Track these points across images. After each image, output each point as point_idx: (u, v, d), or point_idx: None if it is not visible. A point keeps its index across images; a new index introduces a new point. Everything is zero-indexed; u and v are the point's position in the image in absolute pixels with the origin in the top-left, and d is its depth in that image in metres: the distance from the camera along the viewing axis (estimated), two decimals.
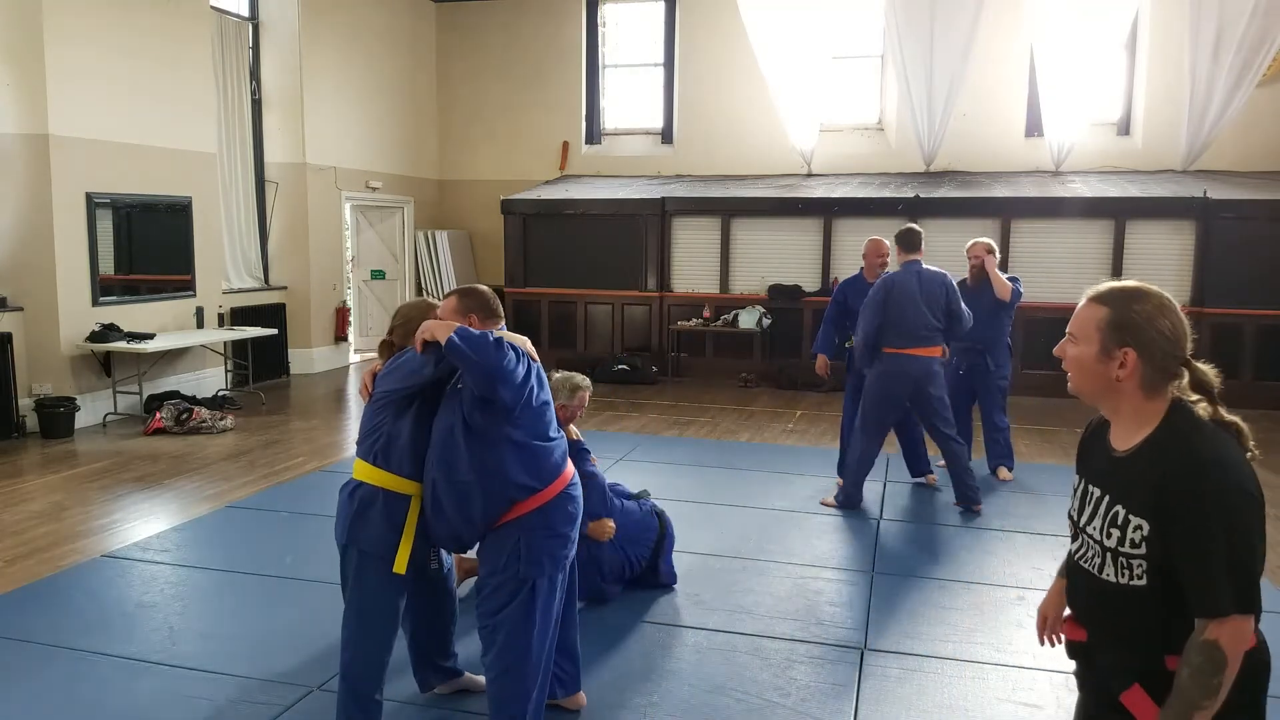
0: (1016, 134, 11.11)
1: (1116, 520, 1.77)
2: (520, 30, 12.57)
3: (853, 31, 11.40)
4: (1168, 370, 1.77)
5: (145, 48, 8.21)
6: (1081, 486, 1.93)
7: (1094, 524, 1.84)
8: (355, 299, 12.14)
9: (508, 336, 2.76)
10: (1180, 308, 1.81)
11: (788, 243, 10.51)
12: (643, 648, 3.80)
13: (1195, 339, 1.82)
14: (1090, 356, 1.81)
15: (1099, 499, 1.83)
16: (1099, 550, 1.82)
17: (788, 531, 5.26)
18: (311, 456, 6.94)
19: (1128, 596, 1.77)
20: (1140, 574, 1.73)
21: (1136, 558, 1.73)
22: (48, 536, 5.11)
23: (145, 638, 3.85)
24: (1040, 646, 2.17)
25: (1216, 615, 1.63)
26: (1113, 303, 1.79)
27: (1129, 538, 1.74)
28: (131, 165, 8.13)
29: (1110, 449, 1.85)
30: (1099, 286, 1.84)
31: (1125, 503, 1.76)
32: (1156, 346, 1.75)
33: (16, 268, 7.46)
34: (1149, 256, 9.50)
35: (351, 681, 2.93)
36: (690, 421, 8.38)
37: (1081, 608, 1.93)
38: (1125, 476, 1.78)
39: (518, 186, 12.11)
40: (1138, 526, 1.72)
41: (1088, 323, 1.82)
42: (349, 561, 2.92)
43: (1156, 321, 1.75)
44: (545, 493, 2.80)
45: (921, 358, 5.57)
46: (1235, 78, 9.80)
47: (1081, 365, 1.83)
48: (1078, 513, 1.92)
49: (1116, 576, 1.77)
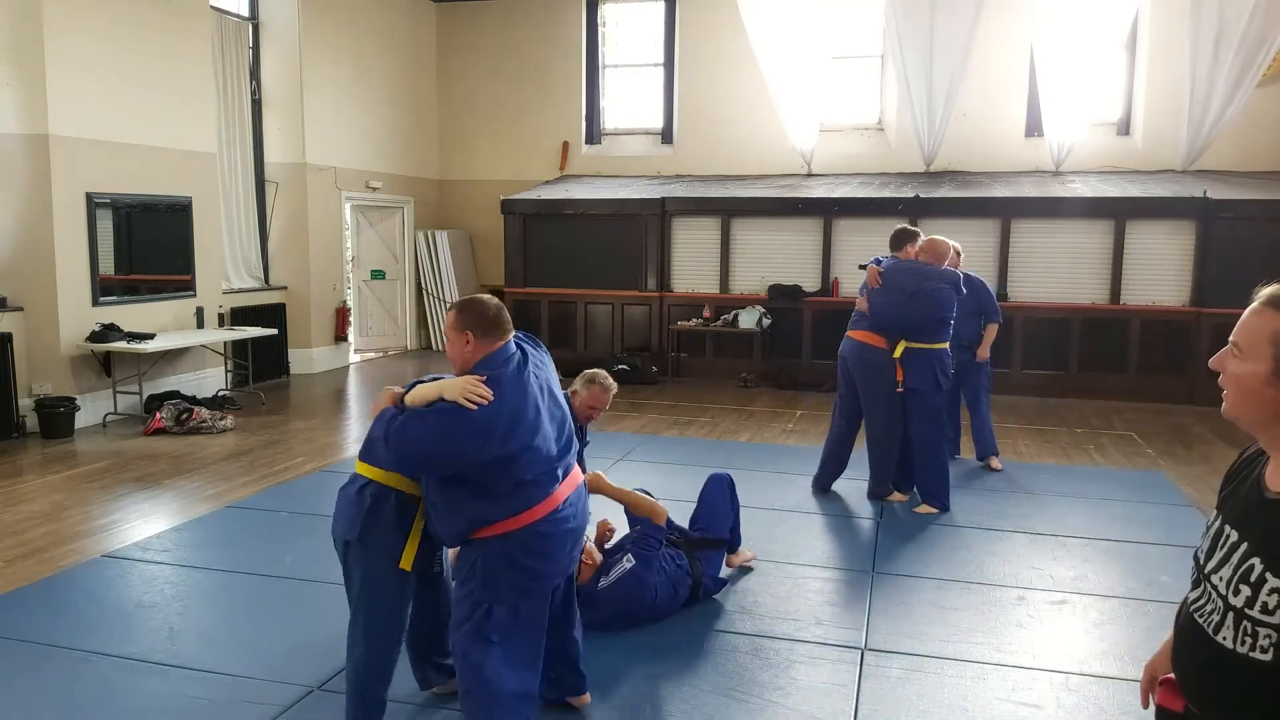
0: (1016, 134, 11.11)
1: (1250, 575, 1.43)
2: (520, 30, 12.57)
3: (853, 31, 11.40)
4: None
5: (145, 47, 8.22)
6: (1216, 525, 1.57)
7: (1221, 573, 1.50)
8: (355, 299, 12.15)
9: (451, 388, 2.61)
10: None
11: (788, 243, 10.51)
12: (642, 648, 3.79)
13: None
14: (1260, 377, 1.44)
15: (1234, 544, 1.49)
16: (1221, 606, 1.48)
17: (788, 531, 5.26)
18: (311, 456, 6.94)
19: (1248, 670, 1.43)
20: (1268, 646, 1.39)
21: (1267, 626, 1.39)
22: (47, 536, 5.11)
23: (145, 638, 3.85)
24: (1144, 709, 1.83)
25: None
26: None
27: (1261, 600, 1.39)
28: (131, 165, 8.13)
29: (1262, 487, 1.49)
30: (1275, 288, 1.49)
31: (1265, 556, 1.42)
32: None
33: (16, 268, 7.46)
34: (1149, 256, 9.50)
35: (362, 682, 2.93)
36: (690, 421, 8.37)
37: (1188, 672, 1.59)
38: (1272, 525, 1.44)
39: (518, 186, 12.11)
40: (1275, 590, 1.38)
41: (1258, 334, 1.46)
42: (354, 559, 2.92)
43: None
44: (505, 524, 2.69)
45: (853, 340, 5.76)
46: (1235, 78, 9.80)
47: (1246, 386, 1.47)
48: (1205, 555, 1.57)
49: (1235, 643, 1.44)
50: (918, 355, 5.56)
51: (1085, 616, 4.14)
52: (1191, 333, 9.35)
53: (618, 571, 3.92)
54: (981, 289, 6.56)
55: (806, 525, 5.43)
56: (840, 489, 6.02)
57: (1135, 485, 6.32)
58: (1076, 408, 9.06)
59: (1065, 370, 9.64)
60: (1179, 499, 6.00)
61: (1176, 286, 9.45)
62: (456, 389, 2.59)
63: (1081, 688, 3.50)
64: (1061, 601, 4.30)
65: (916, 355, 5.57)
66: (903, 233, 5.82)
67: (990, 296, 6.62)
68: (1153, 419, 8.60)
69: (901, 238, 5.78)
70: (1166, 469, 6.80)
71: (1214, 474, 6.69)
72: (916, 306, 5.53)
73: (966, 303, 6.32)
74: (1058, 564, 4.79)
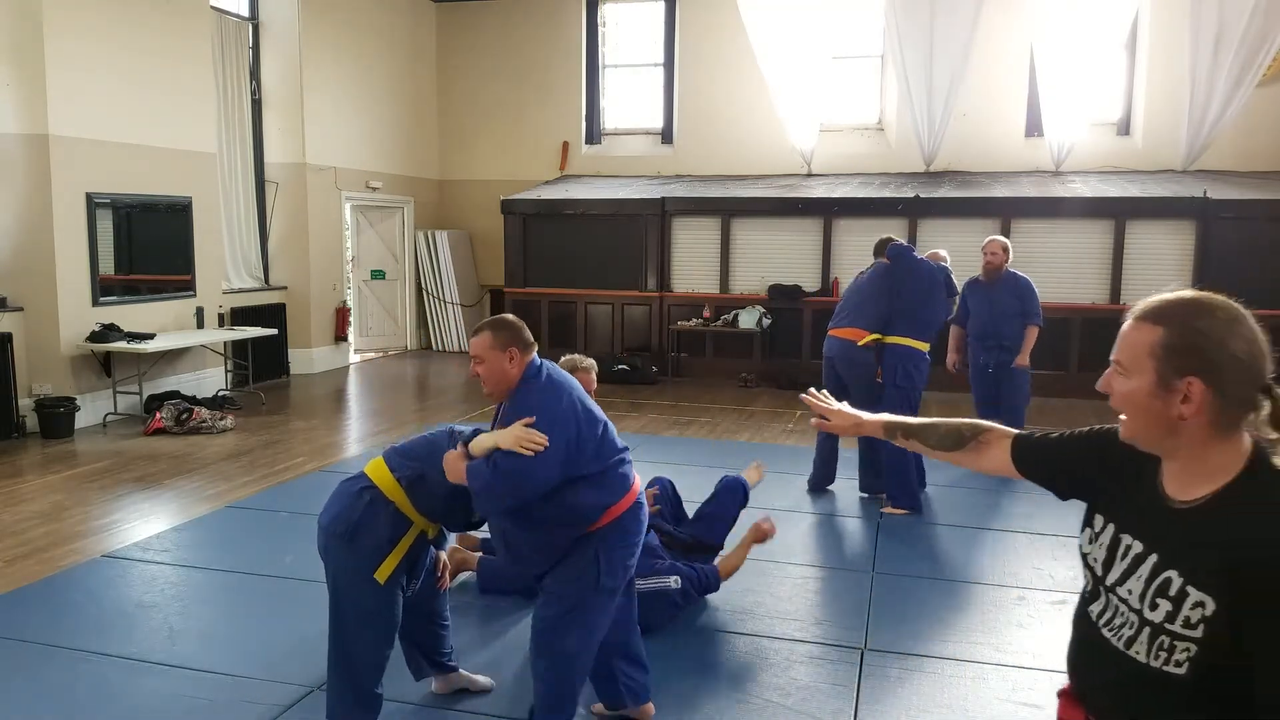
0: (1016, 134, 11.11)
1: (1168, 590, 1.38)
2: (520, 30, 12.57)
3: (853, 31, 11.41)
4: (1245, 401, 1.37)
5: (145, 48, 8.21)
6: (1110, 534, 1.51)
7: (1129, 585, 1.45)
8: (355, 299, 12.15)
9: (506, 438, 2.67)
10: (1254, 322, 1.44)
11: (788, 243, 10.51)
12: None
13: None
14: (1144, 391, 1.41)
15: (1139, 556, 1.44)
16: (1134, 620, 1.43)
17: (788, 531, 5.25)
18: (311, 456, 6.94)
19: (1162, 685, 1.39)
20: (1182, 660, 1.36)
21: (1185, 640, 1.35)
22: (47, 536, 5.11)
23: (145, 638, 3.85)
24: None
25: None
26: (1169, 320, 1.41)
27: (1183, 615, 1.35)
28: (131, 165, 8.13)
29: (1163, 495, 1.45)
30: (1149, 301, 1.46)
31: (1183, 570, 1.37)
32: (1229, 373, 1.36)
33: (16, 268, 7.46)
34: (1149, 256, 9.50)
35: (354, 679, 2.92)
36: (690, 421, 8.37)
37: (1093, 686, 1.55)
38: (1187, 537, 1.39)
39: (518, 186, 12.11)
40: (1198, 604, 1.34)
41: (1138, 348, 1.43)
42: (335, 553, 2.90)
43: (1227, 341, 1.37)
44: (619, 505, 2.84)
45: (837, 338, 5.79)
46: (1235, 78, 9.80)
47: (1134, 403, 1.43)
48: (1103, 565, 1.51)
49: (1149, 657, 1.40)
50: (891, 351, 5.63)
51: None
52: None
53: (659, 583, 3.84)
54: (1026, 289, 6.39)
55: (806, 525, 5.43)
56: (839, 489, 6.03)
57: None
58: (1076, 408, 9.05)
59: (1065, 370, 9.63)
60: None
61: (1176, 286, 9.40)
62: (511, 440, 2.63)
63: None
64: (1061, 601, 4.30)
65: (890, 351, 5.64)
66: (886, 242, 5.87)
67: (1034, 297, 6.41)
68: None
69: (879, 247, 5.87)
70: None
71: None
72: (872, 283, 5.74)
73: (1010, 303, 6.33)
74: (1058, 564, 4.79)
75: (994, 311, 6.38)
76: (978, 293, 6.53)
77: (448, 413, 8.65)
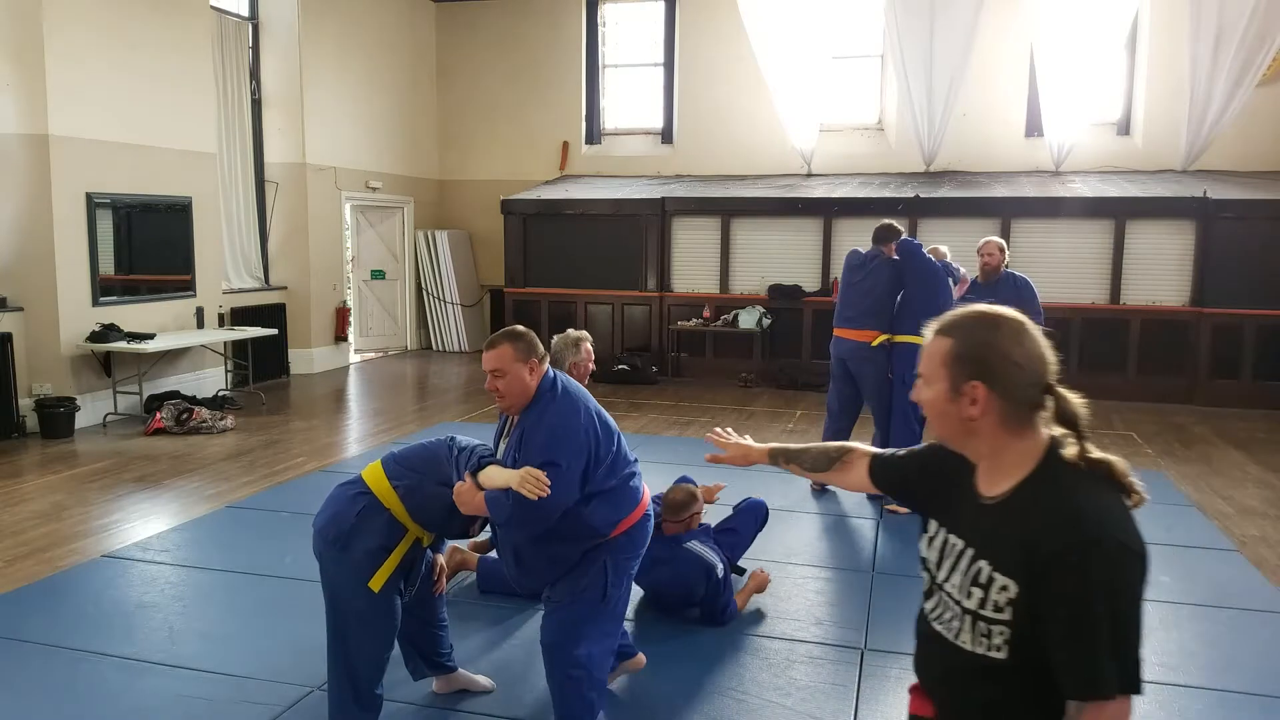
0: (1016, 134, 11.11)
1: (979, 578, 1.52)
2: (520, 30, 12.57)
3: (853, 31, 11.42)
4: (1029, 402, 1.53)
5: (145, 48, 8.21)
6: (941, 536, 1.65)
7: (953, 580, 1.58)
8: (355, 299, 12.16)
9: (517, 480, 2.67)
10: (1036, 332, 1.59)
11: (788, 243, 10.51)
12: (641, 648, 3.79)
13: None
14: (941, 397, 1.56)
15: (961, 551, 1.57)
16: (958, 612, 1.56)
17: (788, 531, 5.26)
18: (311, 457, 6.94)
19: (986, 672, 1.52)
20: (1000, 644, 1.49)
21: (999, 624, 1.49)
22: (48, 536, 5.11)
23: (145, 638, 3.85)
24: None
25: (1096, 696, 1.39)
26: (956, 332, 1.57)
27: (992, 599, 1.49)
28: (131, 165, 8.13)
29: (977, 494, 1.59)
30: (943, 317, 1.62)
31: (991, 558, 1.51)
32: (1010, 376, 1.52)
33: (16, 268, 7.46)
34: (1149, 256, 9.50)
35: (354, 680, 2.92)
36: (690, 421, 8.38)
37: (933, 678, 1.67)
38: (993, 528, 1.53)
39: (518, 186, 12.11)
40: (1003, 587, 1.48)
41: (933, 359, 1.58)
42: (330, 559, 2.88)
43: (1007, 349, 1.53)
44: (631, 517, 2.89)
45: (846, 339, 5.81)
46: (1235, 78, 9.79)
47: (935, 408, 1.59)
48: (936, 566, 1.64)
49: (973, 645, 1.53)
50: (901, 349, 5.66)
51: None
52: (1191, 333, 9.35)
53: (709, 558, 3.90)
54: (1024, 287, 6.29)
55: (806, 525, 5.43)
56: (839, 489, 6.02)
57: None
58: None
59: (1065, 370, 9.45)
60: (1179, 499, 6.00)
61: (1176, 286, 9.45)
62: (516, 482, 2.63)
63: None
64: None
65: (900, 349, 5.67)
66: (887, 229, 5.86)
67: (1033, 296, 6.27)
68: (1153, 419, 8.60)
69: (880, 234, 5.86)
70: (1166, 469, 6.80)
71: (1214, 474, 6.70)
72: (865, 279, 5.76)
73: (1008, 302, 6.28)
74: None
75: None
76: (977, 295, 6.52)
77: (448, 413, 8.65)
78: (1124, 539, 1.43)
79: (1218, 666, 3.67)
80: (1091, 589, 1.39)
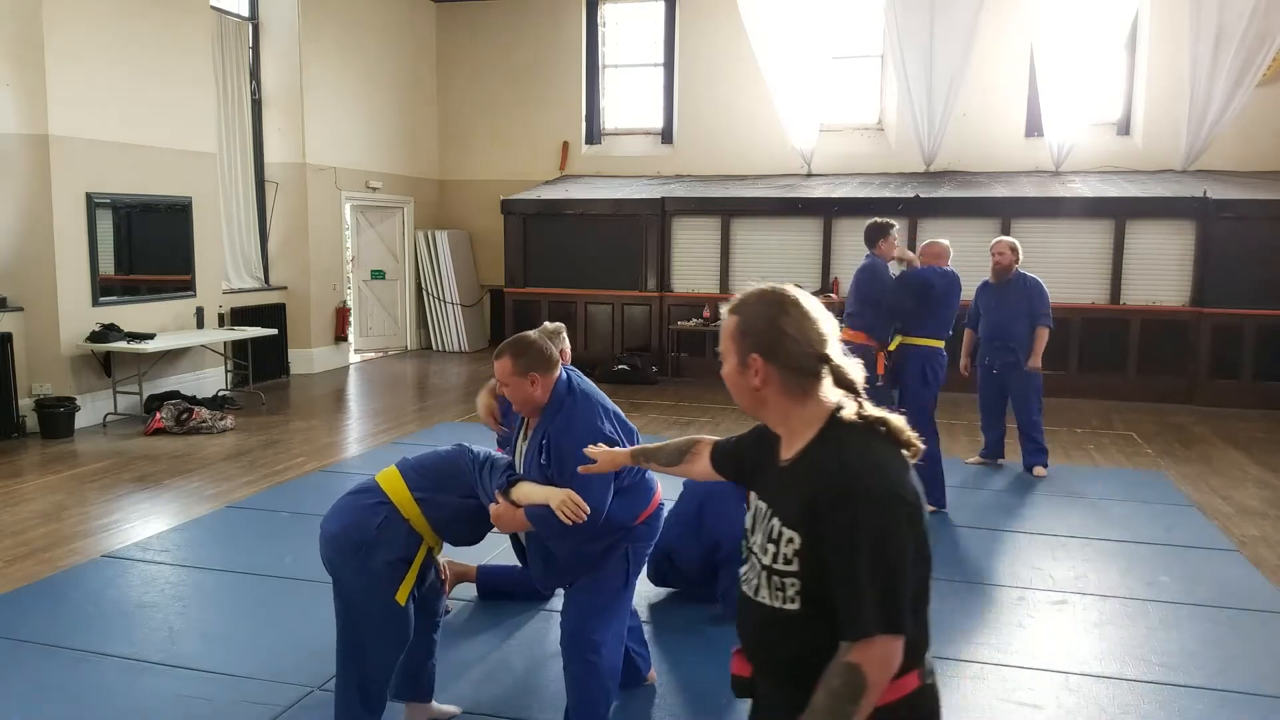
0: (1016, 134, 11.11)
1: (772, 534, 1.62)
2: (520, 30, 12.58)
3: (853, 31, 11.42)
4: (807, 371, 1.64)
5: (145, 48, 8.21)
6: (755, 503, 1.76)
7: (757, 540, 1.69)
8: (355, 299, 12.16)
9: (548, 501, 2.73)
10: (820, 303, 1.70)
11: (788, 243, 10.51)
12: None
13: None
14: (734, 371, 1.69)
15: (766, 515, 1.67)
16: (758, 569, 1.66)
17: None
18: (311, 457, 6.94)
19: (783, 623, 1.61)
20: (793, 595, 1.58)
21: (789, 575, 1.58)
22: (48, 536, 5.11)
23: (145, 638, 3.85)
24: None
25: (860, 636, 1.47)
26: (742, 310, 1.69)
27: (781, 552, 1.59)
28: (131, 165, 8.13)
29: (777, 460, 1.71)
30: (735, 297, 1.72)
31: (781, 514, 1.62)
32: (783, 347, 1.63)
33: (17, 268, 7.46)
34: (1149, 256, 9.50)
35: (363, 683, 2.89)
36: (690, 421, 8.37)
37: (745, 637, 1.74)
38: (783, 487, 1.66)
39: (518, 186, 12.11)
40: (790, 540, 1.58)
41: (727, 335, 1.70)
42: (350, 572, 2.85)
43: (778, 321, 1.63)
44: (649, 509, 3.00)
45: (857, 345, 5.82)
46: (1235, 78, 9.80)
47: (731, 382, 1.70)
48: (750, 531, 1.74)
49: (770, 599, 1.62)
50: (908, 351, 5.65)
51: (1085, 616, 4.14)
52: (1191, 332, 9.35)
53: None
54: (1035, 288, 6.34)
55: None
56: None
57: (1135, 485, 6.32)
58: (1076, 408, 9.06)
59: (1065, 370, 9.63)
60: (1179, 499, 6.00)
61: (1176, 286, 9.45)
62: (555, 504, 2.69)
63: (1081, 688, 3.50)
64: (1061, 601, 4.30)
65: (907, 351, 5.65)
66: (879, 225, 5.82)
67: (1043, 298, 6.33)
68: (1153, 419, 8.60)
69: (869, 234, 5.82)
70: (1166, 469, 6.80)
71: (1214, 474, 6.70)
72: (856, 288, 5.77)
73: (1019, 304, 6.30)
74: (1058, 564, 4.79)
75: (1002, 312, 6.36)
76: (988, 294, 6.52)
77: (448, 413, 8.65)
78: (895, 488, 1.53)
79: (1218, 666, 3.67)
80: (858, 536, 1.49)
